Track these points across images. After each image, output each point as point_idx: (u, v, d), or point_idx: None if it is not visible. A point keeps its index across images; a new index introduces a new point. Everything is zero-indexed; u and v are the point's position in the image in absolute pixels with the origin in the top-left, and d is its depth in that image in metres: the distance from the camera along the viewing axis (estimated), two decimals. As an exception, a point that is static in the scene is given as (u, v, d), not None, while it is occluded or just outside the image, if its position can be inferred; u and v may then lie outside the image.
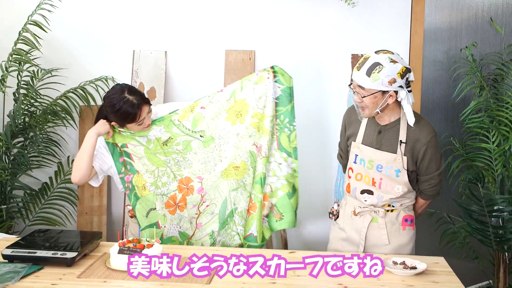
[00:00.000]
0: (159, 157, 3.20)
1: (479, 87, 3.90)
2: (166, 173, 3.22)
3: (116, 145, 3.15)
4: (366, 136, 3.07)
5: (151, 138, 3.19)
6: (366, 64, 2.85)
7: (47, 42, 4.24)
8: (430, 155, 2.98)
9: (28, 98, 4.12)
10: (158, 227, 3.19)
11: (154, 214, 3.20)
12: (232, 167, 3.29)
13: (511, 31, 4.25)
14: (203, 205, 3.28)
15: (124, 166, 3.15)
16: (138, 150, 3.17)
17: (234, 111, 3.30)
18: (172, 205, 3.23)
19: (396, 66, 2.82)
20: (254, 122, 3.31)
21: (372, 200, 3.07)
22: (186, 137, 3.25)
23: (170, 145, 3.22)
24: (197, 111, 3.28)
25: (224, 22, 4.32)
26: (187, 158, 3.25)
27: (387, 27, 4.25)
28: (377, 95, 2.86)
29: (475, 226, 3.78)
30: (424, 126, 2.97)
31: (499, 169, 3.82)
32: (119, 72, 4.38)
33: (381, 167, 3.00)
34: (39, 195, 4.34)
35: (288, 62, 4.30)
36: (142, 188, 3.17)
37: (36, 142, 4.14)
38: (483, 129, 3.89)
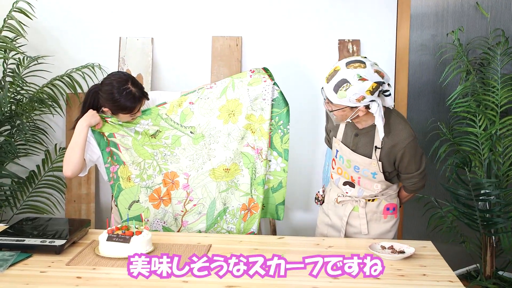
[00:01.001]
0: (147, 149, 3.16)
1: (466, 71, 3.91)
2: (152, 166, 3.18)
3: (103, 135, 3.09)
4: (345, 136, 3.03)
5: (139, 130, 3.15)
6: (334, 78, 2.70)
7: (33, 29, 4.21)
8: (408, 158, 2.91)
9: (14, 86, 4.09)
10: (141, 220, 3.16)
11: (137, 206, 3.16)
12: (222, 169, 3.24)
13: (496, 15, 4.25)
14: (189, 204, 3.23)
15: (111, 157, 3.11)
16: (126, 140, 3.13)
17: (226, 110, 3.24)
18: (156, 198, 3.19)
19: (364, 84, 2.66)
20: (247, 124, 3.26)
21: (353, 193, 3.08)
22: (176, 131, 3.21)
23: (158, 138, 3.18)
24: (186, 106, 3.23)
25: (211, 8, 4.31)
26: (175, 153, 3.21)
27: (374, 12, 4.25)
28: (346, 109, 2.77)
29: (462, 210, 3.80)
30: (401, 131, 2.88)
31: (485, 153, 3.84)
32: (105, 59, 4.36)
33: (358, 168, 2.98)
34: (27, 183, 4.32)
35: (275, 48, 4.31)
36: (126, 180, 3.13)
37: (23, 130, 4.11)
38: (469, 113, 3.90)
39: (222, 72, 4.28)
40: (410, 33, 4.29)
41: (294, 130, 3.91)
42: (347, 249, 2.83)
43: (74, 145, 2.98)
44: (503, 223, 3.70)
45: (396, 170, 3.01)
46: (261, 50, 4.31)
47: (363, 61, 2.71)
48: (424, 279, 2.44)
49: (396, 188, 3.11)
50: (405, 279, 2.44)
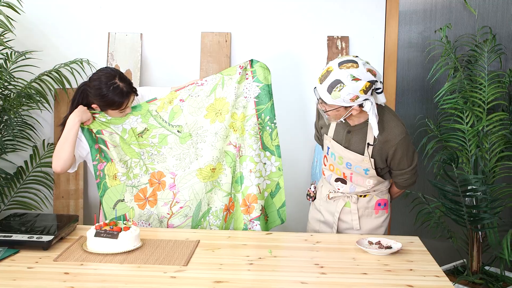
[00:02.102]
0: (133, 148, 3.14)
1: (453, 68, 3.93)
2: (139, 165, 3.15)
3: (91, 131, 3.08)
4: (336, 133, 3.04)
5: (126, 127, 3.12)
6: (328, 79, 2.71)
7: (21, 24, 4.18)
8: (400, 154, 2.93)
9: (2, 81, 4.06)
10: (124, 220, 3.04)
11: (122, 205, 3.13)
12: (209, 169, 3.22)
13: (484, 13, 4.27)
14: (176, 206, 3.19)
15: (99, 153, 3.09)
16: (114, 138, 3.11)
17: (213, 109, 3.22)
18: (142, 198, 3.16)
19: (358, 84, 2.67)
20: (232, 122, 3.26)
21: (345, 189, 3.10)
22: (163, 130, 3.18)
23: (145, 137, 3.16)
24: (176, 103, 3.20)
25: (200, 4, 4.30)
26: (161, 152, 3.18)
27: (363, 9, 4.26)
28: (340, 109, 2.78)
29: (449, 206, 3.82)
30: (393, 128, 2.89)
31: (472, 149, 3.86)
32: (94, 55, 4.34)
33: (350, 165, 3.00)
34: (15, 179, 4.30)
35: (264, 44, 4.31)
36: (112, 178, 3.11)
37: (11, 126, 4.08)
38: (457, 110, 3.92)
39: (211, 68, 4.27)
40: (399, 30, 4.30)
41: (284, 126, 3.92)
42: (335, 245, 2.84)
43: (64, 140, 2.97)
44: (489, 219, 3.72)
45: (388, 167, 3.02)
46: (250, 46, 4.31)
47: (355, 61, 2.71)
48: (411, 274, 2.45)
49: (387, 184, 3.14)
50: (392, 274, 2.45)
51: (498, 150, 3.83)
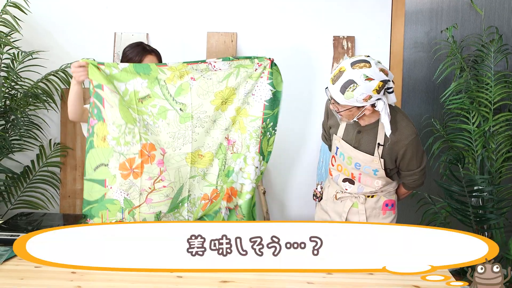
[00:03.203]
0: (131, 112, 3.00)
1: (460, 68, 3.92)
2: (133, 132, 3.00)
3: (90, 82, 2.94)
4: (346, 133, 3.02)
5: (129, 88, 3.00)
6: (340, 79, 2.67)
7: (28, 24, 4.19)
8: (410, 155, 2.91)
9: (9, 81, 4.08)
10: (103, 185, 3.00)
11: (104, 170, 3.00)
12: (197, 154, 3.17)
13: (490, 13, 4.27)
14: (159, 183, 3.07)
15: (92, 108, 2.96)
16: (113, 97, 2.96)
17: (221, 96, 3.15)
18: (128, 168, 3.01)
19: (371, 84, 2.64)
20: (233, 115, 3.20)
21: (353, 190, 3.09)
22: (165, 102, 3.06)
23: (145, 104, 3.04)
24: (186, 80, 3.08)
25: (206, 4, 4.30)
26: (157, 124, 3.06)
27: (368, 9, 4.25)
28: (352, 109, 2.76)
29: (455, 206, 3.81)
30: (404, 129, 2.88)
31: (479, 149, 3.85)
32: (100, 55, 4.34)
33: (359, 165, 2.98)
34: (21, 178, 4.31)
35: (270, 44, 4.30)
36: (101, 139, 2.97)
37: (18, 125, 4.10)
38: (463, 110, 3.91)
39: (217, 68, 4.28)
40: (405, 30, 4.29)
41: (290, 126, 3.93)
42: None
43: (68, 99, 3.08)
44: (495, 219, 3.72)
45: (397, 168, 3.01)
46: (255, 46, 4.31)
47: (368, 61, 2.69)
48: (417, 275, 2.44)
49: (395, 185, 3.12)
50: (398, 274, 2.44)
51: (505, 150, 3.83)
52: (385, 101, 2.74)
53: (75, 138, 4.38)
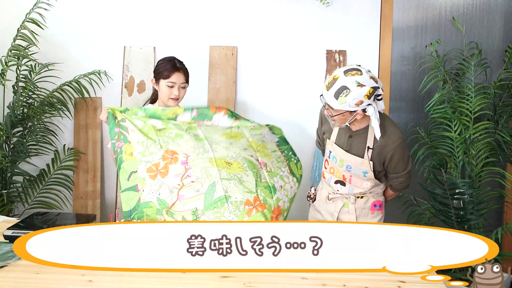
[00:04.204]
0: (151, 135, 3.04)
1: (443, 80, 3.94)
2: (154, 144, 3.01)
3: (115, 117, 3.05)
4: (339, 138, 3.05)
5: (148, 123, 3.06)
6: (334, 86, 2.72)
7: (44, 39, 4.21)
8: (397, 158, 2.95)
9: (27, 91, 4.09)
10: (136, 190, 2.94)
11: (135, 176, 2.97)
12: (223, 161, 3.03)
13: (471, 29, 4.29)
14: (187, 179, 2.95)
15: (118, 136, 3.04)
16: (135, 127, 3.05)
17: (230, 135, 3.14)
18: (154, 170, 2.97)
19: (363, 89, 2.69)
20: (249, 144, 3.16)
21: (344, 191, 3.11)
22: (181, 131, 3.08)
23: (163, 132, 3.07)
24: (193, 125, 3.12)
25: (209, 20, 4.32)
26: (177, 141, 3.04)
27: (359, 24, 4.27)
28: (345, 114, 2.80)
29: (438, 208, 3.82)
30: (391, 134, 2.91)
31: (460, 155, 3.87)
32: (111, 67, 4.37)
33: (350, 167, 3.01)
34: (37, 180, 4.32)
35: (268, 57, 4.32)
36: (129, 154, 2.99)
37: (34, 132, 4.12)
38: (446, 119, 3.93)
39: (219, 80, 4.29)
40: (392, 45, 4.31)
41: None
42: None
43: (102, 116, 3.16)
44: (475, 220, 3.73)
45: (384, 170, 3.04)
46: (254, 59, 4.32)
47: (359, 69, 2.73)
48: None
49: (382, 187, 3.14)
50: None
51: (484, 156, 3.84)
52: (375, 107, 2.77)
53: (87, 144, 4.39)
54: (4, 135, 4.01)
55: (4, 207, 4.02)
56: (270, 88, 4.32)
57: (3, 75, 3.97)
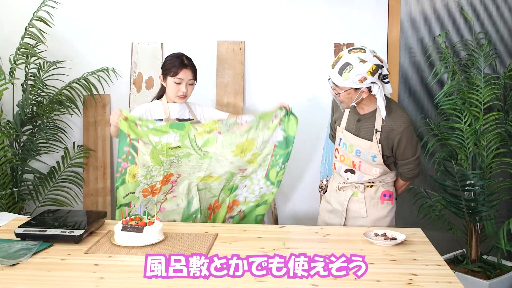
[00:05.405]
0: (160, 157, 3.15)
1: (452, 71, 3.91)
2: (157, 170, 3.18)
3: (128, 136, 3.10)
4: (348, 123, 3.09)
5: (162, 141, 3.12)
6: (338, 63, 2.83)
7: (52, 37, 4.21)
8: (405, 143, 2.97)
9: (35, 89, 4.10)
10: (128, 206, 3.19)
11: (131, 196, 3.21)
12: (208, 176, 3.30)
13: (480, 20, 4.25)
14: (170, 194, 3.28)
15: (126, 156, 3.13)
16: (146, 148, 3.12)
17: (241, 148, 3.26)
18: (149, 191, 3.23)
19: (365, 65, 2.78)
20: (249, 159, 3.32)
21: (353, 179, 3.11)
22: (192, 151, 3.19)
23: (174, 151, 3.16)
24: (213, 134, 3.20)
25: (216, 15, 4.31)
26: (180, 161, 3.20)
27: (366, 17, 4.24)
28: (350, 91, 2.87)
29: (449, 199, 3.80)
30: (398, 117, 2.95)
31: (470, 147, 3.84)
32: (119, 63, 4.36)
33: (359, 152, 3.02)
34: (48, 178, 4.33)
35: (275, 51, 4.31)
36: (132, 177, 3.16)
37: (44, 130, 4.13)
38: (455, 110, 3.90)
39: (226, 74, 4.28)
40: (400, 36, 4.28)
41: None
42: (343, 237, 2.83)
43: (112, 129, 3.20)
44: (486, 211, 3.71)
45: (393, 157, 3.04)
46: (262, 54, 4.31)
47: (363, 48, 2.86)
48: (414, 263, 2.44)
49: (393, 176, 3.14)
50: (397, 264, 2.44)
51: (494, 147, 3.81)
52: (380, 86, 2.84)
53: (97, 141, 4.40)
54: (14, 134, 4.02)
55: (15, 205, 4.03)
56: (278, 82, 4.31)
57: (12, 74, 3.97)
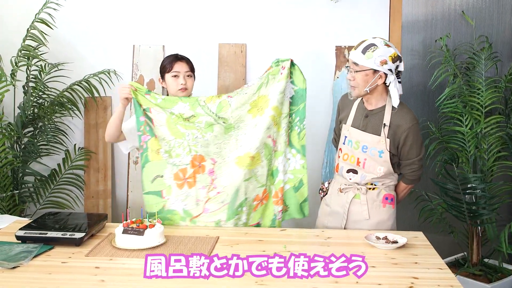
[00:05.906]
0: (179, 128, 3.03)
1: (453, 75, 3.90)
2: (182, 146, 3.04)
3: (140, 105, 3.03)
4: (355, 119, 3.11)
5: (174, 112, 3.03)
6: (362, 44, 2.94)
7: (53, 39, 4.21)
8: (411, 141, 2.98)
9: (37, 91, 4.10)
10: (161, 197, 3.05)
11: (160, 182, 3.04)
12: (248, 156, 3.08)
13: (481, 23, 4.25)
14: (213, 191, 3.08)
15: (144, 126, 3.03)
16: (160, 117, 3.02)
17: (256, 105, 3.11)
18: (181, 178, 3.04)
19: (389, 49, 2.93)
20: (272, 114, 3.10)
21: (356, 179, 3.10)
22: (210, 118, 3.06)
23: (192, 121, 3.05)
24: (224, 98, 3.09)
25: (217, 17, 4.30)
26: (206, 137, 3.05)
27: (368, 20, 4.24)
28: (369, 73, 2.93)
29: (450, 203, 3.80)
30: (406, 114, 2.99)
31: (472, 150, 3.84)
32: (120, 65, 4.36)
33: (366, 147, 3.03)
34: (49, 180, 4.33)
35: (277, 54, 4.27)
36: (155, 152, 3.03)
37: (45, 132, 4.13)
38: (457, 113, 3.89)
39: (228, 77, 4.27)
40: (402, 39, 4.27)
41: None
42: (345, 240, 2.83)
43: (111, 118, 3.19)
44: (488, 215, 3.70)
45: (398, 156, 3.05)
46: (263, 56, 4.30)
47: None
48: (416, 267, 2.44)
49: (395, 179, 3.14)
50: (399, 267, 2.44)
51: (496, 150, 3.80)
52: (395, 77, 2.96)
53: (98, 143, 4.39)
54: (15, 136, 4.02)
55: (16, 207, 4.03)
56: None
57: (14, 76, 3.97)
